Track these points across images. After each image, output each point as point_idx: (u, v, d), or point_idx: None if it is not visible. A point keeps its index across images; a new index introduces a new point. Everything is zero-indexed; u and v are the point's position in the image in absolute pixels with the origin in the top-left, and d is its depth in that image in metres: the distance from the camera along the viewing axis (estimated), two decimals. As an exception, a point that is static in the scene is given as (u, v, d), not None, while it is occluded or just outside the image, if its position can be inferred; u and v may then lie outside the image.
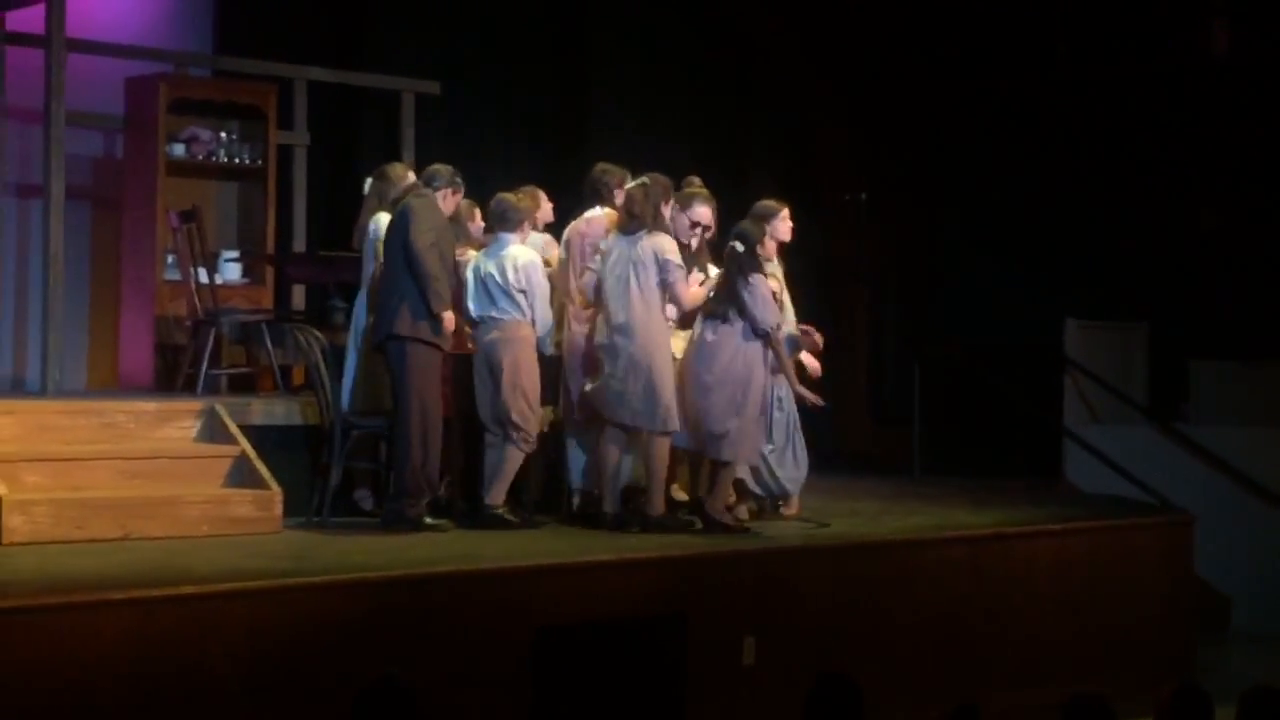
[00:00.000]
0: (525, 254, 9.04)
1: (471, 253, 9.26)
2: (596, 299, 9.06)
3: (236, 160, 11.37)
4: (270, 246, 11.35)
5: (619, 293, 8.91)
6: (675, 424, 8.93)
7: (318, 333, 9.20)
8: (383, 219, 9.08)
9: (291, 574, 7.15)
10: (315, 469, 9.13)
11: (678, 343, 9.23)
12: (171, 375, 10.57)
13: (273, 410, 9.44)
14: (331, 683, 6.61)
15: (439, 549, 8.11)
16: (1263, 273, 13.58)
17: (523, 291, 8.92)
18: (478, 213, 9.56)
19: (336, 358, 9.33)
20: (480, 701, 7.22)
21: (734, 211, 10.19)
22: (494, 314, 8.95)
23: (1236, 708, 5.16)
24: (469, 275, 9.06)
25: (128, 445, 8.80)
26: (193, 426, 9.06)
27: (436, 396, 8.74)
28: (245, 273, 11.27)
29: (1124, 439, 12.92)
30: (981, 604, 9.18)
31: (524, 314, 8.94)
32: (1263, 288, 13.55)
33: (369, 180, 9.49)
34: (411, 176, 9.33)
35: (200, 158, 11.24)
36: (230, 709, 6.56)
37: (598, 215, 9.33)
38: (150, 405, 9.19)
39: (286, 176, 11.77)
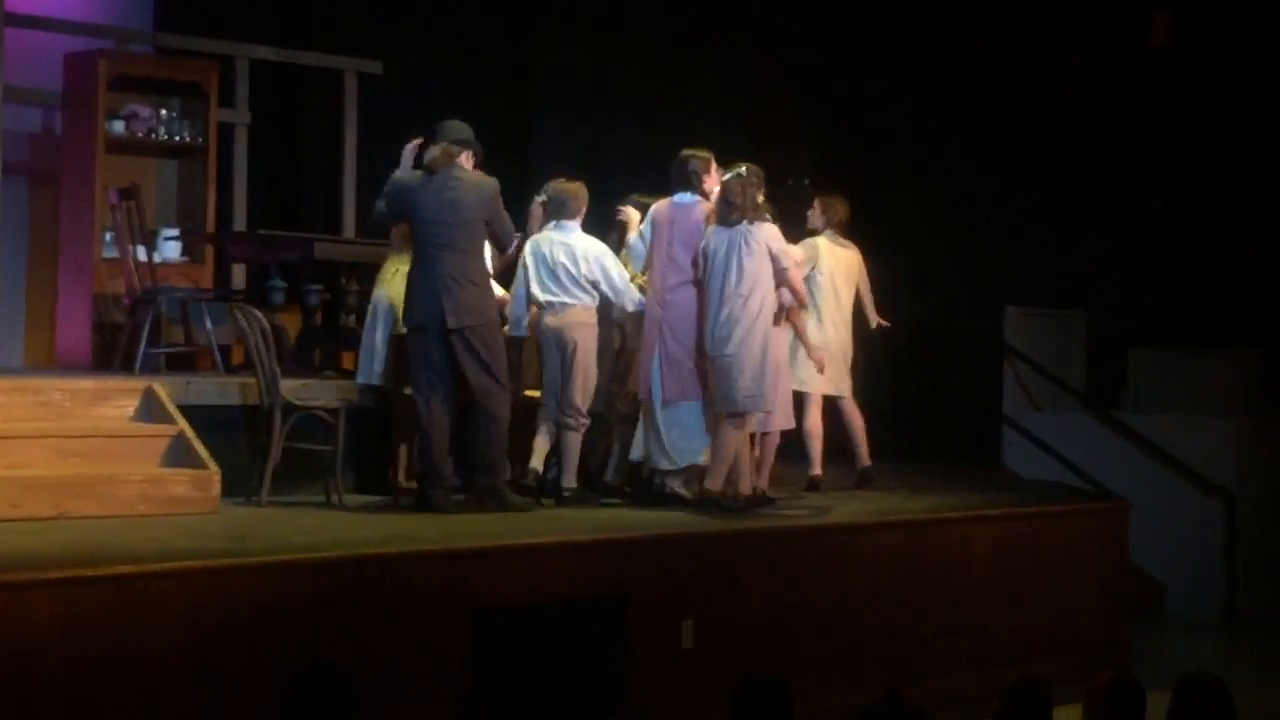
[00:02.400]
0: (595, 245, 9.35)
1: None
2: (703, 290, 9.23)
3: (177, 138, 11.30)
4: (210, 225, 11.28)
5: (727, 282, 9.09)
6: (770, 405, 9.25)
7: (258, 312, 9.16)
8: None
9: (229, 554, 7.11)
10: (254, 449, 9.08)
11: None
12: (109, 354, 10.49)
13: (211, 390, 9.39)
14: (268, 664, 6.58)
15: (379, 530, 8.09)
16: (1200, 262, 13.67)
17: (593, 282, 9.23)
18: None
19: (277, 337, 9.29)
20: (419, 683, 7.21)
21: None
22: (567, 300, 9.24)
23: (1171, 694, 5.19)
24: (529, 258, 9.30)
25: (64, 424, 8.72)
26: (130, 405, 8.98)
27: None
28: (185, 251, 11.19)
29: (1062, 426, 13.01)
30: (919, 589, 9.22)
31: (593, 300, 9.28)
32: (1200, 277, 13.64)
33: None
34: None
35: (140, 135, 11.16)
36: (166, 689, 6.51)
37: (688, 202, 9.44)
38: (87, 384, 9.11)
39: (227, 155, 11.70)
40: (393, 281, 9.38)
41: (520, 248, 9.42)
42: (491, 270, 9.22)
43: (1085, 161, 14.03)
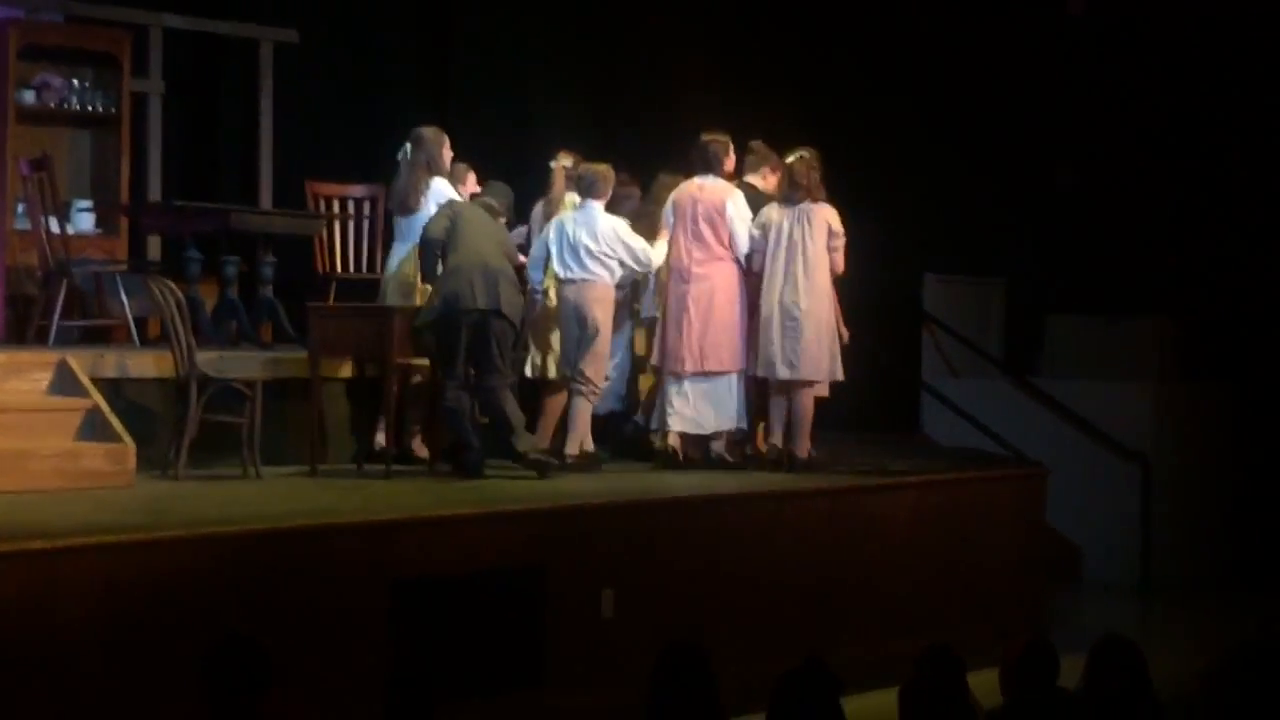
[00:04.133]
0: (615, 223, 9.73)
1: None
2: (764, 268, 9.73)
3: (90, 108, 11.18)
4: (124, 196, 11.18)
5: (793, 258, 9.70)
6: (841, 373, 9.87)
7: (173, 284, 9.08)
8: (442, 184, 9.72)
9: (145, 529, 7.06)
10: (171, 423, 9.01)
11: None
12: (22, 327, 10.38)
13: (127, 363, 9.31)
14: (186, 639, 6.52)
15: (296, 503, 8.05)
16: (1116, 229, 13.77)
17: (615, 259, 9.64)
18: (471, 177, 10.13)
19: (193, 309, 9.23)
20: (337, 656, 7.18)
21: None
22: (586, 276, 9.63)
23: (1087, 657, 5.24)
24: (552, 235, 9.73)
25: (-25, 398, 8.63)
26: (44, 379, 8.89)
27: None
28: (99, 223, 11.09)
29: (980, 393, 13.09)
30: (838, 557, 9.26)
31: (611, 276, 9.68)
32: (1116, 243, 13.75)
33: (407, 146, 9.86)
34: (445, 140, 9.88)
35: (52, 105, 11.05)
36: (82, 664, 6.47)
37: (711, 183, 9.86)
38: (0, 357, 9.01)
39: (141, 125, 11.59)
40: (397, 266, 9.87)
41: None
42: None
43: (1003, 129, 14.08)
